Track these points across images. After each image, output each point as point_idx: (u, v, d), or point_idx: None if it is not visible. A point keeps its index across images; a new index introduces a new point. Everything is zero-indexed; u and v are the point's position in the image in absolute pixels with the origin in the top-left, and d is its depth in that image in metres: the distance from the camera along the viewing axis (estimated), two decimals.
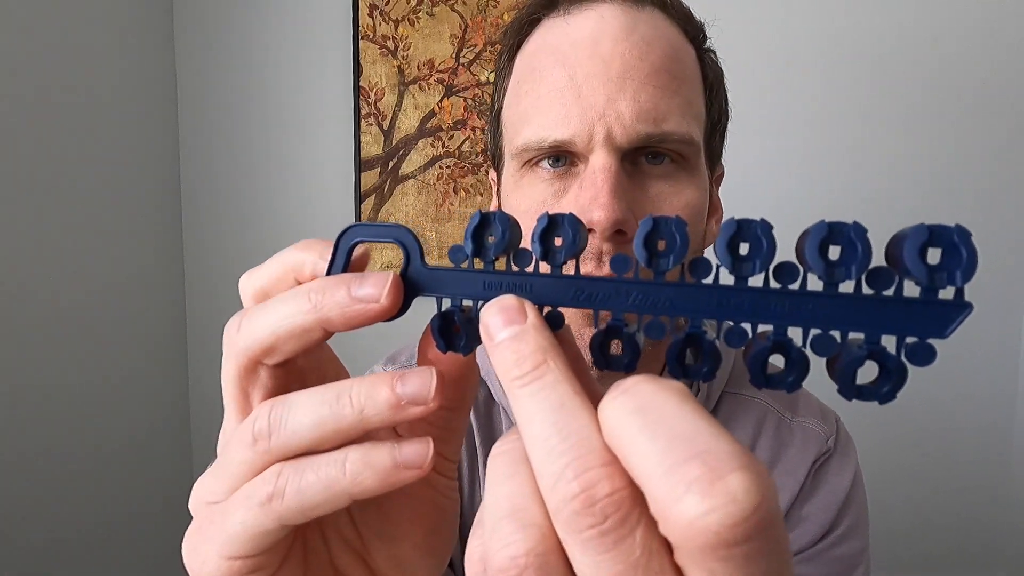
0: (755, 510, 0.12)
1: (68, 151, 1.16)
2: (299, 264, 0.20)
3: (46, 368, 1.12)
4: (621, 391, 0.15)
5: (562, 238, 0.18)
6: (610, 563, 0.13)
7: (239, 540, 0.19)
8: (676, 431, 0.13)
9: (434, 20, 1.38)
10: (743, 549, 0.12)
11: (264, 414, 0.19)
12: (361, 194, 1.42)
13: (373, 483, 0.18)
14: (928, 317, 0.15)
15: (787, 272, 0.16)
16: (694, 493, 0.12)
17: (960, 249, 0.14)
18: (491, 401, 0.52)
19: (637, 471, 0.13)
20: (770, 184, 1.36)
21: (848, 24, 1.31)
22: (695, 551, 0.12)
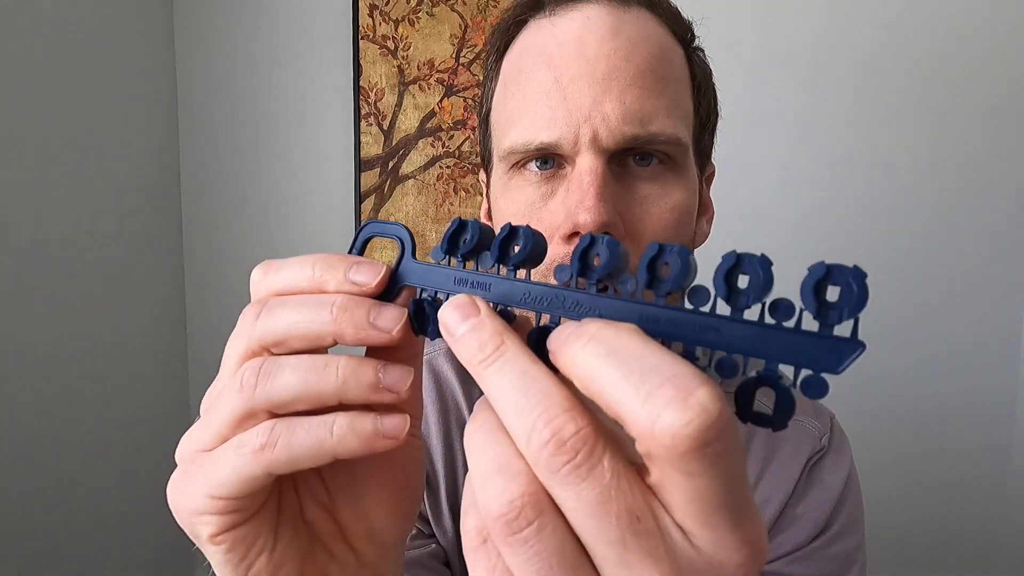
0: (720, 414, 0.14)
1: (68, 151, 1.16)
2: (324, 282, 0.22)
3: (46, 367, 1.12)
4: (588, 338, 0.17)
5: (518, 246, 0.21)
6: (587, 490, 0.15)
7: (227, 482, 0.21)
8: (645, 364, 0.15)
9: (434, 20, 1.38)
10: (714, 448, 0.14)
11: (254, 366, 0.22)
12: (361, 194, 1.42)
13: (355, 446, 0.21)
14: (823, 351, 0.15)
15: (699, 294, 0.17)
16: (672, 409, 0.14)
17: (853, 288, 0.15)
18: None
19: (616, 402, 0.15)
20: (759, 184, 1.36)
21: (836, 25, 1.31)
22: (676, 459, 0.15)
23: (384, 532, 0.26)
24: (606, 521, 0.15)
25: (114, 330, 1.27)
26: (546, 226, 0.41)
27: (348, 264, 0.22)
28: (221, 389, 0.22)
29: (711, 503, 0.15)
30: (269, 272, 0.24)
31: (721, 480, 0.15)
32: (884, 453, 1.36)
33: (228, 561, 0.23)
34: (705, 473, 0.15)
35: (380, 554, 0.26)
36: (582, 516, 0.16)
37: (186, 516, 0.23)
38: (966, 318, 1.34)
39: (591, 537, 0.16)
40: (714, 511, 0.15)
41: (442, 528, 0.51)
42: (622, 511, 0.15)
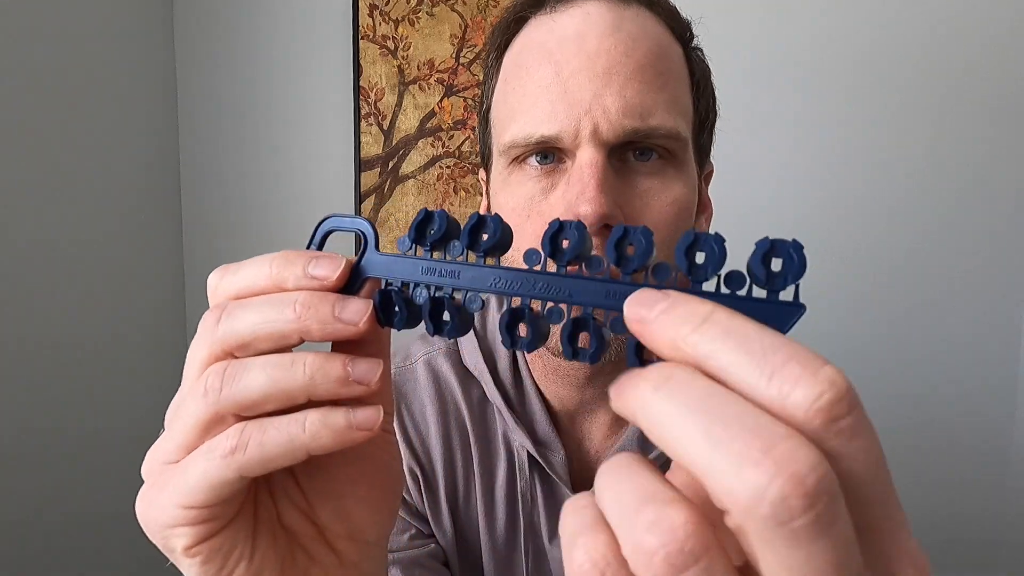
0: (848, 388, 0.14)
1: (68, 151, 1.16)
2: (283, 279, 0.22)
3: (45, 367, 1.12)
4: (701, 320, 0.16)
5: (487, 234, 0.21)
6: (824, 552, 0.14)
7: (198, 490, 0.21)
8: (764, 344, 0.15)
9: (434, 20, 1.38)
10: (848, 421, 0.14)
11: (218, 370, 0.21)
12: (361, 194, 1.42)
13: (329, 441, 0.21)
14: (771, 315, 0.17)
15: (661, 271, 0.19)
16: (803, 386, 0.14)
17: (793, 258, 0.17)
18: (485, 401, 0.52)
19: (737, 381, 0.15)
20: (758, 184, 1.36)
21: (836, 25, 1.31)
22: (816, 433, 0.14)
23: (365, 530, 0.26)
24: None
25: (114, 330, 1.27)
26: (545, 219, 0.41)
27: (306, 259, 0.22)
28: (184, 397, 0.22)
29: (867, 493, 0.14)
30: (226, 275, 0.23)
31: (868, 464, 0.14)
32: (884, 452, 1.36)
33: (204, 574, 0.22)
34: (847, 453, 0.14)
35: (363, 553, 0.26)
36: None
37: (158, 530, 0.22)
38: (966, 318, 1.34)
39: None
40: (872, 505, 0.14)
41: (441, 528, 0.51)
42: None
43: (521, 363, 0.51)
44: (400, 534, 0.50)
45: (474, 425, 0.51)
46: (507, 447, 0.51)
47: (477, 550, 0.52)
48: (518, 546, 0.51)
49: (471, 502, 0.51)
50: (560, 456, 0.49)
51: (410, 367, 0.53)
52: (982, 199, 1.32)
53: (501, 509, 0.51)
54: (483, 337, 0.53)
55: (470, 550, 0.52)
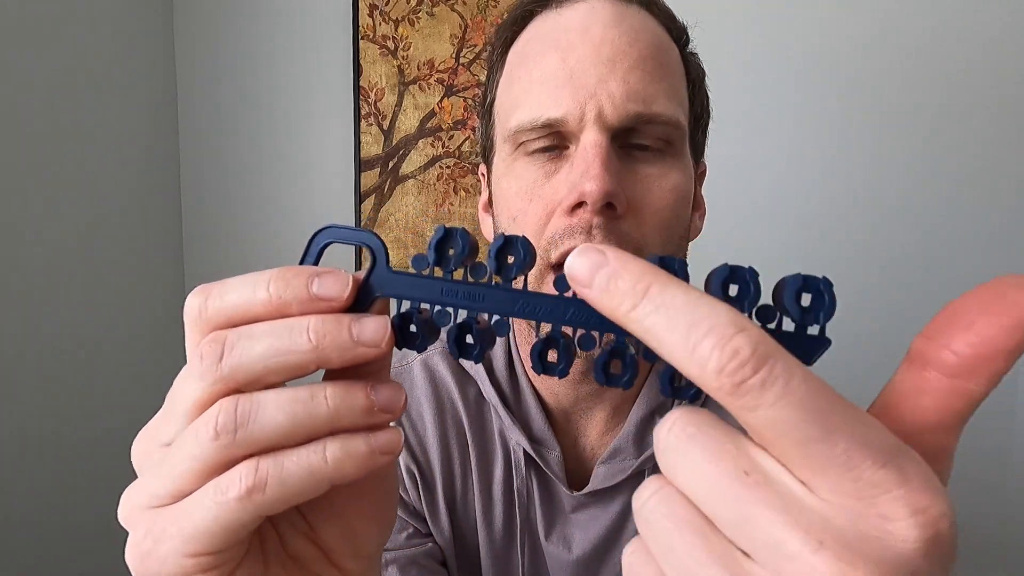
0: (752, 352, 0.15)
1: (68, 152, 1.16)
2: (285, 303, 0.20)
3: (45, 367, 1.12)
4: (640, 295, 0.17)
5: (513, 256, 0.21)
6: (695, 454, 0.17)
7: (209, 535, 0.19)
8: (690, 317, 0.16)
9: (434, 20, 1.38)
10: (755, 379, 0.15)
11: (229, 410, 0.19)
12: (361, 194, 1.42)
13: (353, 469, 0.20)
14: (799, 347, 0.18)
15: None
16: (713, 360, 0.15)
17: (824, 296, 0.18)
18: (481, 399, 0.52)
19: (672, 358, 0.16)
20: (757, 184, 1.36)
21: (834, 24, 1.31)
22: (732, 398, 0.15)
23: (368, 544, 0.25)
24: (714, 479, 0.16)
25: (114, 330, 1.27)
26: (548, 201, 0.42)
27: (308, 278, 0.20)
28: (182, 436, 0.20)
29: (790, 435, 0.15)
30: (211, 298, 0.20)
31: (786, 409, 0.15)
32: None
33: None
34: (761, 404, 0.15)
35: (366, 566, 0.26)
36: (695, 483, 0.16)
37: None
38: None
39: (716, 510, 0.16)
40: (801, 444, 0.15)
41: (439, 527, 0.51)
42: (729, 469, 0.15)
43: (517, 361, 0.52)
44: (397, 533, 0.50)
45: (471, 424, 0.51)
46: (504, 445, 0.51)
47: (475, 548, 0.52)
48: (515, 543, 0.51)
49: (468, 500, 0.52)
50: (556, 453, 0.50)
51: (407, 367, 0.54)
52: (981, 199, 1.32)
53: (498, 507, 0.51)
54: None
55: (468, 548, 0.52)
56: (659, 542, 0.16)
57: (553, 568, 0.51)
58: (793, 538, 0.14)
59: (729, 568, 0.15)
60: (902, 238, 1.34)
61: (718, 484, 0.16)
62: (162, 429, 0.21)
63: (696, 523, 0.16)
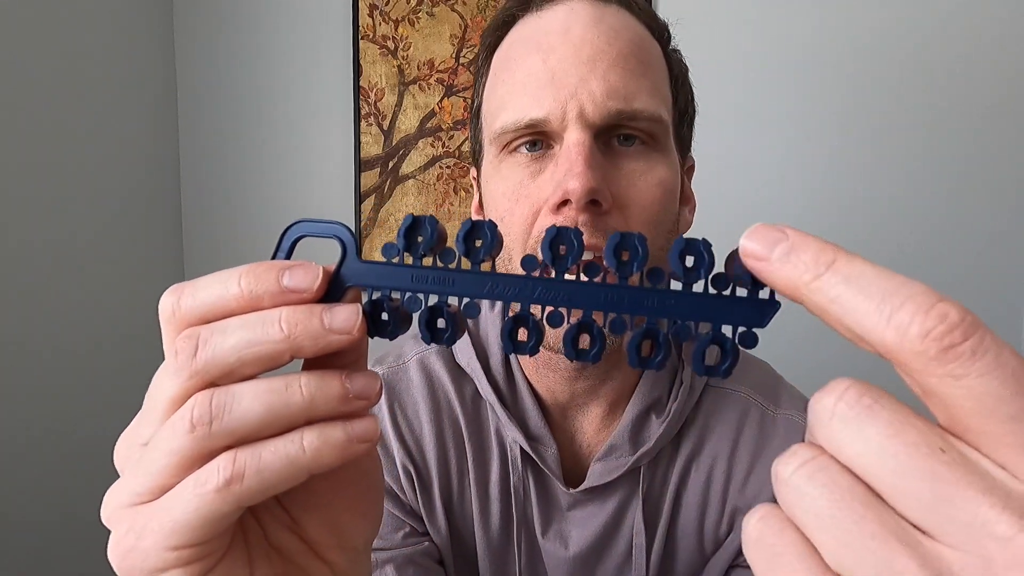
0: (961, 319, 0.14)
1: (68, 152, 1.16)
2: (257, 296, 0.20)
3: (46, 366, 1.12)
4: (825, 266, 0.16)
5: (481, 239, 0.21)
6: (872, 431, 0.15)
7: (188, 528, 0.19)
8: (883, 287, 0.16)
9: (434, 20, 1.38)
10: (966, 346, 0.14)
11: (204, 402, 0.19)
12: (361, 194, 1.42)
13: (331, 457, 0.20)
14: (752, 311, 0.19)
15: (656, 275, 0.20)
16: (916, 324, 0.15)
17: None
18: (478, 398, 0.53)
19: (863, 329, 0.16)
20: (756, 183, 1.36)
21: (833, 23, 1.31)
22: (934, 366, 0.15)
23: (353, 537, 0.25)
24: (902, 454, 0.15)
25: (114, 330, 1.27)
26: (534, 200, 0.43)
27: (278, 271, 0.20)
28: (159, 432, 0.20)
29: (997, 408, 0.14)
30: (184, 296, 0.21)
31: (1003, 379, 0.14)
32: None
33: None
34: (972, 372, 0.14)
35: (352, 559, 0.26)
36: (872, 458, 0.15)
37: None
38: None
39: (897, 484, 0.15)
40: (1008, 419, 0.14)
41: (436, 526, 0.52)
42: (919, 441, 0.15)
43: (513, 359, 0.52)
44: (394, 532, 0.50)
45: (468, 422, 0.52)
46: (500, 443, 0.52)
47: (472, 547, 0.52)
48: (512, 541, 0.52)
49: (465, 499, 0.52)
50: (552, 451, 0.50)
51: (403, 366, 0.54)
52: (981, 198, 1.32)
53: (495, 505, 0.51)
54: (475, 334, 0.53)
55: (465, 546, 0.53)
56: (815, 512, 0.15)
57: (550, 565, 0.52)
58: (1004, 522, 0.14)
59: (908, 544, 0.14)
60: (900, 238, 1.34)
61: (907, 460, 0.15)
62: (141, 429, 0.21)
63: (863, 495, 0.15)
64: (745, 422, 0.52)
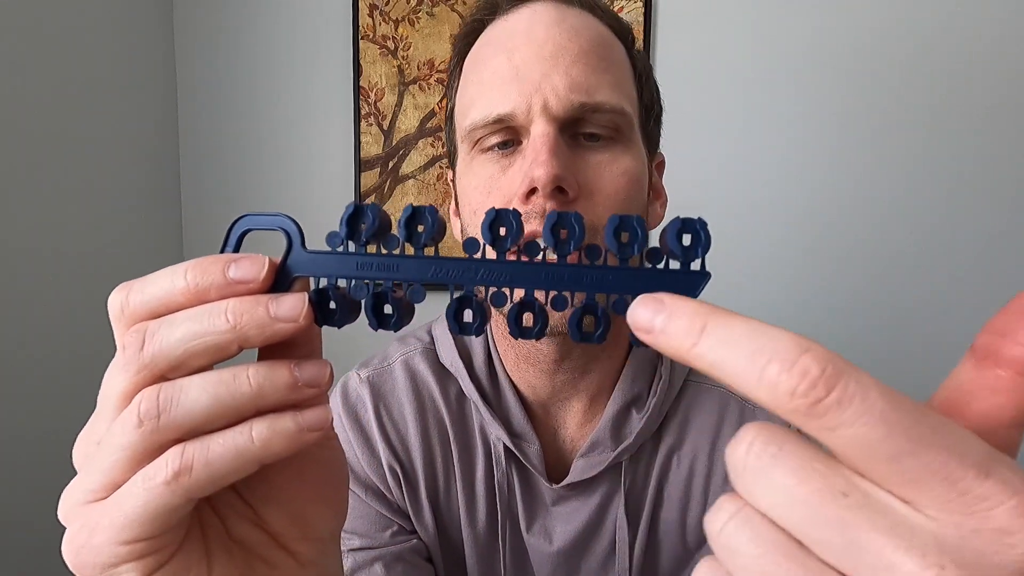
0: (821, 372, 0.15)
1: (68, 152, 1.16)
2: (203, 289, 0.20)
3: (45, 367, 1.12)
4: (698, 333, 0.17)
5: (423, 225, 0.21)
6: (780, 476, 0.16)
7: (140, 521, 0.19)
8: (752, 346, 0.16)
9: (434, 20, 1.38)
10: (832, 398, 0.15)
11: (151, 396, 0.19)
12: (361, 194, 1.43)
13: (281, 447, 0.20)
14: (685, 283, 0.20)
15: (594, 252, 0.21)
16: (783, 384, 0.15)
17: (700, 234, 0.20)
18: (462, 397, 0.54)
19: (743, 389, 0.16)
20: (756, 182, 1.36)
21: (832, 21, 1.31)
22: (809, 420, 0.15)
23: (318, 527, 0.25)
24: (807, 501, 0.15)
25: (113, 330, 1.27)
26: (505, 192, 0.44)
27: (224, 264, 0.21)
28: (110, 428, 0.20)
29: (879, 452, 0.14)
30: (132, 292, 0.21)
31: (872, 425, 0.14)
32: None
33: None
34: (842, 423, 0.14)
35: (319, 550, 0.26)
36: (782, 505, 0.15)
37: (98, 573, 0.20)
38: (965, 318, 1.34)
39: (810, 532, 0.15)
40: (892, 459, 0.14)
41: (423, 524, 0.52)
42: (822, 487, 0.15)
43: (495, 357, 0.53)
44: (382, 531, 0.51)
45: (452, 421, 0.53)
46: (484, 441, 0.53)
47: (459, 543, 0.53)
48: (498, 537, 0.52)
49: (452, 497, 0.53)
50: (535, 447, 0.51)
51: (388, 368, 0.55)
52: (981, 198, 1.32)
53: (482, 502, 0.52)
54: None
55: (452, 543, 0.53)
56: (748, 568, 0.16)
57: (535, 560, 0.52)
58: (910, 561, 0.14)
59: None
60: (899, 237, 1.34)
61: (814, 507, 0.15)
62: (95, 426, 0.21)
63: (787, 546, 0.15)
64: (725, 416, 0.53)
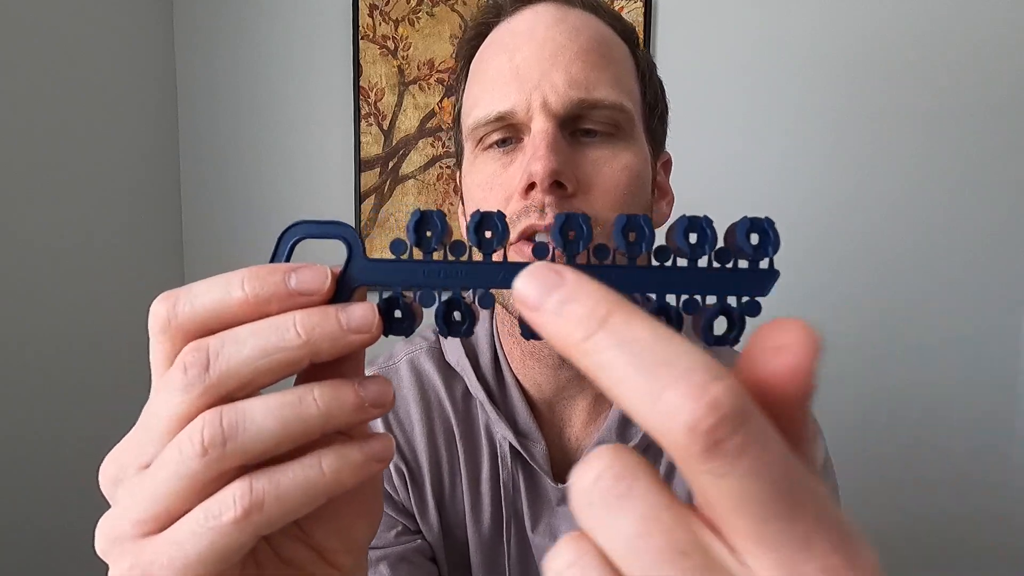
0: (731, 410, 0.13)
1: (68, 152, 1.16)
2: (263, 301, 0.19)
3: (45, 367, 1.12)
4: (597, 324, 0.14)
5: (491, 230, 0.21)
6: (624, 524, 0.14)
7: (202, 564, 0.18)
8: (656, 357, 0.14)
9: (434, 20, 1.38)
10: (732, 442, 0.13)
11: (214, 422, 0.18)
12: (361, 194, 1.42)
13: (350, 480, 0.19)
14: (754, 282, 0.20)
15: (663, 253, 0.21)
16: (684, 412, 0.13)
17: (769, 233, 0.20)
18: (468, 396, 0.54)
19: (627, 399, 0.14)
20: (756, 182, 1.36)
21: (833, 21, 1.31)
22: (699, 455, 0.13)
23: (359, 539, 0.25)
24: (647, 557, 0.14)
25: (114, 331, 1.27)
26: (506, 188, 0.45)
27: (284, 274, 0.19)
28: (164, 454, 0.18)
29: (753, 509, 0.13)
30: (180, 303, 0.19)
31: (758, 480, 0.13)
32: (883, 453, 1.36)
33: None
34: (733, 473, 0.13)
35: (357, 560, 0.25)
36: (621, 554, 0.14)
37: None
38: (966, 317, 1.34)
39: (633, 573, 0.14)
40: (762, 520, 0.13)
41: (428, 523, 0.53)
42: (664, 546, 0.14)
43: (501, 356, 0.53)
44: (387, 531, 0.51)
45: (458, 420, 0.53)
46: (490, 440, 0.53)
47: (464, 543, 0.53)
48: (502, 536, 0.52)
49: (457, 496, 0.53)
50: (541, 446, 0.51)
51: (393, 367, 0.55)
52: (981, 198, 1.32)
53: (486, 501, 0.52)
54: None
55: (457, 543, 0.53)
56: None
57: (540, 560, 0.53)
58: None
59: None
60: (899, 238, 1.34)
61: (651, 564, 0.14)
62: (139, 448, 0.19)
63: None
64: None
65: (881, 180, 1.33)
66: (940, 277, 1.34)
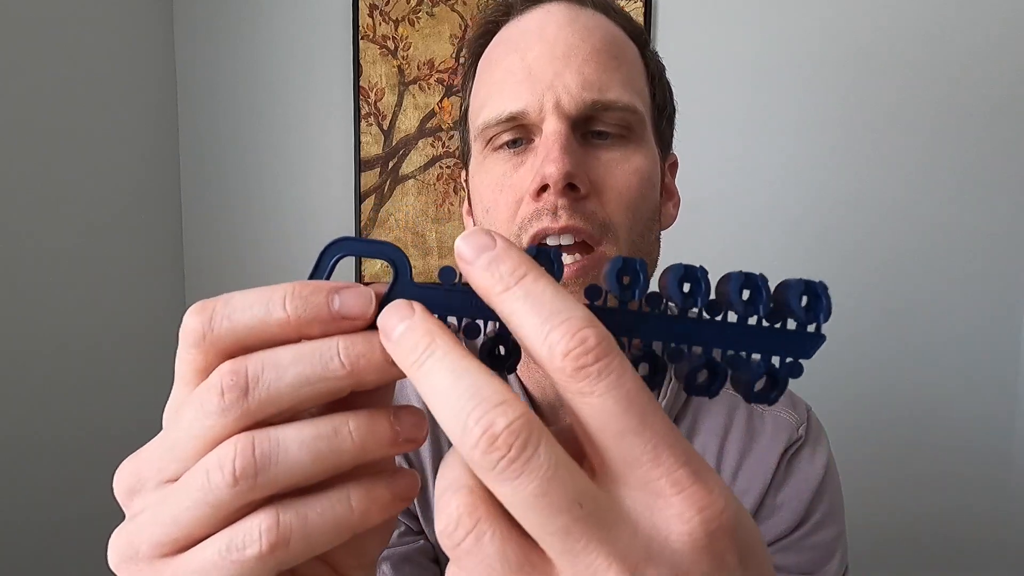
0: (596, 344, 0.16)
1: (68, 152, 1.16)
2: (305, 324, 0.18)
3: (45, 368, 1.12)
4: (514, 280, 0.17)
5: (545, 267, 0.20)
6: (525, 484, 0.15)
7: None
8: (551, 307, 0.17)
9: (434, 20, 1.38)
10: (594, 368, 0.16)
11: (246, 451, 0.17)
12: (361, 194, 1.42)
13: (378, 517, 0.19)
14: (800, 344, 0.20)
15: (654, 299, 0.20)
16: (562, 344, 0.16)
17: (822, 299, 0.19)
18: None
19: (526, 339, 0.17)
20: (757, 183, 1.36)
21: (835, 21, 1.31)
22: (568, 379, 0.16)
23: (373, 552, 0.25)
24: (547, 513, 0.15)
25: (113, 330, 1.27)
26: (517, 189, 0.45)
27: (327, 294, 0.18)
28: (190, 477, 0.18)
29: (611, 424, 0.16)
30: (216, 317, 0.18)
31: (617, 399, 0.16)
32: (884, 452, 1.36)
33: None
34: (595, 391, 0.16)
35: (368, 571, 0.25)
36: (523, 510, 0.15)
37: None
38: (966, 317, 1.34)
39: (535, 530, 0.15)
40: (618, 434, 0.16)
41: (431, 524, 0.52)
42: (562, 500, 0.15)
43: None
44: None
45: None
46: None
47: None
48: None
49: None
50: None
51: None
52: (982, 198, 1.32)
53: None
54: None
55: None
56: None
57: None
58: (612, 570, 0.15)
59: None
60: (900, 238, 1.34)
61: (548, 517, 0.15)
62: (160, 463, 0.19)
63: (517, 559, 0.16)
64: (733, 419, 0.52)
65: (881, 180, 1.33)
66: (940, 277, 1.34)
